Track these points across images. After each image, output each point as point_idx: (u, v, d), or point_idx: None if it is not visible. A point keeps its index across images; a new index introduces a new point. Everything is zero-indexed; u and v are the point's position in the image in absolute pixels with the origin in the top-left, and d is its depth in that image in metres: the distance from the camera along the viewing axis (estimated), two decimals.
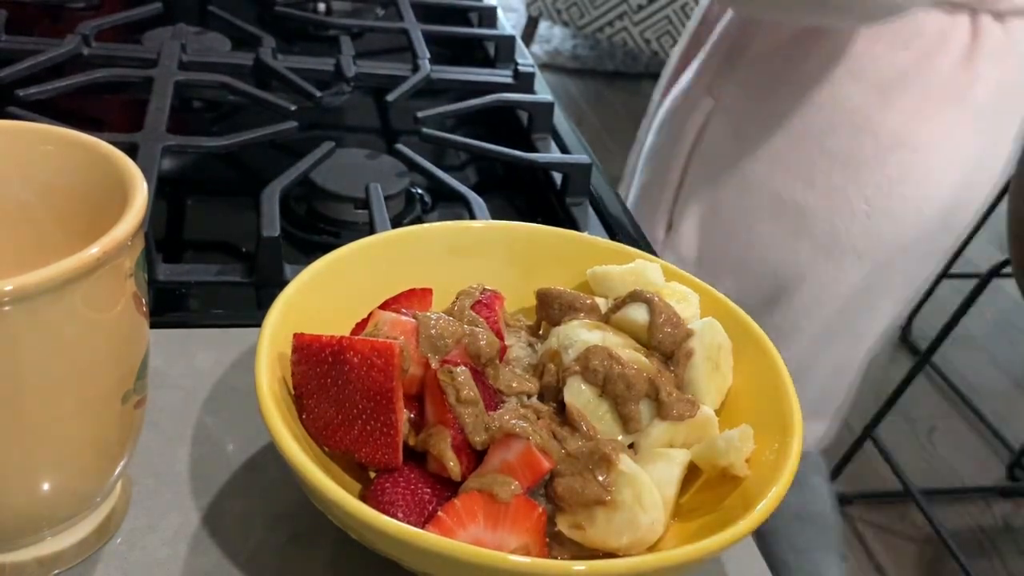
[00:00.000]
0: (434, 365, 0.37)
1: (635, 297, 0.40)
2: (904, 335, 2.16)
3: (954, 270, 2.00)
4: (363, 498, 0.36)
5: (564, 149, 0.73)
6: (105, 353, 0.31)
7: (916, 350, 2.09)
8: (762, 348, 0.41)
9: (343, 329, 0.41)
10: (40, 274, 0.27)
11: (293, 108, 0.67)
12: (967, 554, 1.54)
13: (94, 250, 0.28)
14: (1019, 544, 1.68)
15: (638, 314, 0.40)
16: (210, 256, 0.59)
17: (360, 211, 0.61)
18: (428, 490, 0.35)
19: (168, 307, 0.51)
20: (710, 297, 0.44)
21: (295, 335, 0.37)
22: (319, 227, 0.61)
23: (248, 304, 0.53)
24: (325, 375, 0.35)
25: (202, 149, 0.61)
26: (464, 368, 0.36)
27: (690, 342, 0.39)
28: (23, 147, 0.35)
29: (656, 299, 0.40)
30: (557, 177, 0.67)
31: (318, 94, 0.70)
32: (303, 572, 0.37)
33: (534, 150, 0.71)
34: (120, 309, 0.31)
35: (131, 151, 0.56)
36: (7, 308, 0.27)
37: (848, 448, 1.67)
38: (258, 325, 0.38)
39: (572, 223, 0.63)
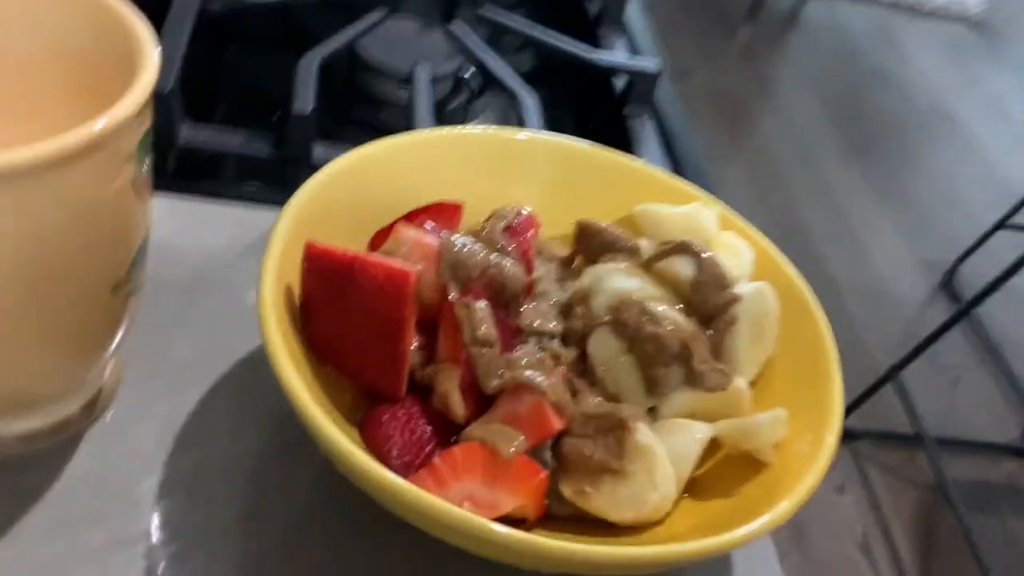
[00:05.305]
0: (453, 294, 0.33)
1: (683, 249, 0.36)
2: (947, 280, 2.10)
3: (1013, 221, 1.91)
4: (360, 425, 0.33)
5: (635, 49, 0.67)
6: (95, 242, 0.28)
7: (957, 298, 2.03)
8: (811, 320, 0.38)
9: (364, 234, 0.38)
10: (22, 154, 0.24)
11: None
12: (967, 507, 1.54)
13: (84, 133, 0.25)
14: (1021, 504, 1.67)
15: (684, 268, 0.36)
16: (241, 116, 0.56)
17: (402, 90, 0.57)
18: (428, 428, 0.33)
19: (187, 174, 0.48)
20: (764, 253, 0.40)
21: (307, 244, 0.33)
22: (357, 102, 0.57)
23: (275, 178, 0.49)
24: (334, 292, 0.32)
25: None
26: (484, 303, 0.33)
27: (735, 308, 0.36)
28: None
29: (706, 256, 0.36)
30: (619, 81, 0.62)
31: None
32: (288, 482, 0.35)
33: (599, 46, 0.65)
34: (114, 195, 0.28)
35: None
36: None
37: (870, 385, 1.65)
38: (281, 204, 0.35)
39: (627, 142, 0.58)
